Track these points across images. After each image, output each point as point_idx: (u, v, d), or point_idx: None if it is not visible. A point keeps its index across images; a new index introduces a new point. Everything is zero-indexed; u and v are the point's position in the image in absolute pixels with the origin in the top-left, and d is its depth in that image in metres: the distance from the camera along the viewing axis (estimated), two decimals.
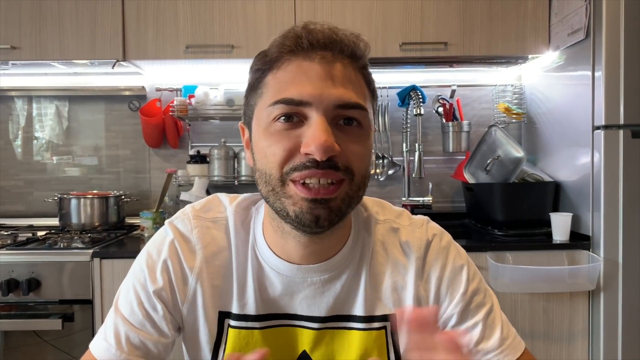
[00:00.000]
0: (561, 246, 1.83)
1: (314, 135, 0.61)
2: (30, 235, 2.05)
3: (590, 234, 1.81)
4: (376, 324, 0.74)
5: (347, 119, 0.64)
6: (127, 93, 2.42)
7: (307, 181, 0.62)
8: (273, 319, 0.74)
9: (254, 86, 0.68)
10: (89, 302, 1.79)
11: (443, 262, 0.76)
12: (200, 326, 0.74)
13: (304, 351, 0.74)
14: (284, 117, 0.63)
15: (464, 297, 0.74)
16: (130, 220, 2.32)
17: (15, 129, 2.45)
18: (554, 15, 2.04)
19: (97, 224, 2.15)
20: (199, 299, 0.73)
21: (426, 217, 0.81)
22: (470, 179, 2.15)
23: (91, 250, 1.79)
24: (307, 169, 0.61)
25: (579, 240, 1.84)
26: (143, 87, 2.39)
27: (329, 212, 0.63)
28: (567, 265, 1.80)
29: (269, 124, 0.64)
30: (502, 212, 1.99)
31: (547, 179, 2.05)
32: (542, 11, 2.05)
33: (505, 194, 2.00)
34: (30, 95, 2.44)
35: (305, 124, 0.63)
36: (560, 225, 1.84)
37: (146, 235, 2.09)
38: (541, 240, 1.90)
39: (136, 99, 2.41)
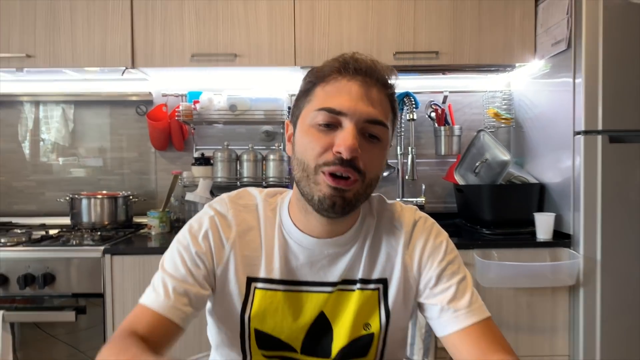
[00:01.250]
0: (544, 244, 1.95)
1: (345, 138, 0.79)
2: (44, 233, 2.17)
3: (572, 233, 1.93)
4: (372, 286, 0.91)
5: (371, 135, 0.82)
6: (134, 98, 2.54)
7: (334, 172, 0.79)
8: (294, 284, 0.89)
9: (305, 93, 0.86)
10: (101, 296, 1.90)
11: (426, 237, 0.94)
12: (231, 287, 0.89)
13: (322, 312, 0.89)
14: (325, 125, 0.81)
15: (440, 264, 0.91)
16: (137, 220, 2.43)
17: (24, 131, 2.57)
18: (539, 26, 2.16)
19: (106, 222, 2.27)
20: (231, 265, 0.89)
21: (415, 207, 0.99)
22: (460, 181, 2.27)
23: (102, 247, 1.91)
24: (335, 165, 0.79)
25: (561, 238, 1.95)
26: (150, 92, 2.52)
27: (343, 201, 0.81)
28: (549, 262, 1.91)
29: (312, 125, 0.82)
30: (489, 212, 2.11)
31: (532, 181, 2.17)
32: (529, 22, 2.17)
33: (493, 195, 2.12)
34: (38, 101, 2.56)
35: (339, 130, 0.81)
36: (543, 224, 1.96)
37: (153, 233, 2.21)
38: (526, 238, 2.01)
39: (143, 104, 2.54)
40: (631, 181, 1.84)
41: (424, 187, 2.47)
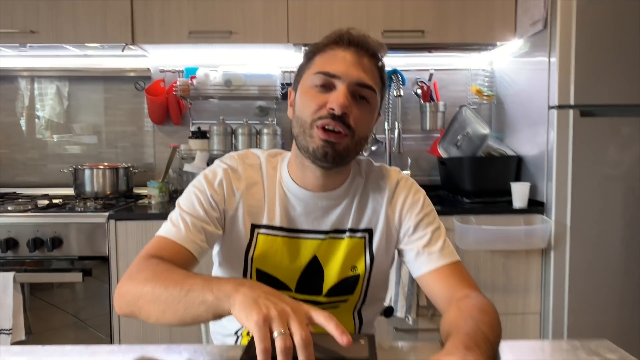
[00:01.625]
0: (519, 211, 2.10)
1: (337, 97, 0.91)
2: (49, 201, 2.28)
3: (545, 201, 2.08)
4: (359, 234, 1.05)
5: (361, 96, 0.94)
6: (132, 74, 2.64)
7: (326, 127, 0.92)
8: (292, 232, 1.03)
9: (305, 62, 0.99)
10: (106, 259, 2.04)
11: (406, 194, 1.07)
12: (238, 231, 1.02)
13: (315, 256, 1.03)
14: (320, 85, 0.93)
15: (418, 215, 1.05)
16: (137, 191, 2.55)
17: (21, 107, 2.67)
18: (519, 7, 2.28)
19: (108, 192, 2.38)
20: (240, 212, 1.02)
21: (398, 168, 1.12)
22: (444, 154, 2.40)
23: (107, 213, 2.03)
24: (327, 119, 0.92)
25: (535, 206, 2.11)
26: (148, 68, 2.62)
27: (334, 152, 0.93)
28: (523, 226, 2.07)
29: (310, 86, 0.95)
30: (470, 183, 2.26)
31: (510, 153, 2.31)
32: (510, 3, 2.29)
33: (473, 167, 2.26)
34: (35, 76, 2.65)
35: (333, 91, 0.93)
36: (519, 193, 2.11)
37: (153, 202, 2.33)
38: (503, 206, 2.16)
39: (141, 80, 2.63)
40: (599, 152, 1.99)
41: (410, 160, 2.60)
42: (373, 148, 2.62)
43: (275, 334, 0.62)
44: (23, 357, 0.80)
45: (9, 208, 2.09)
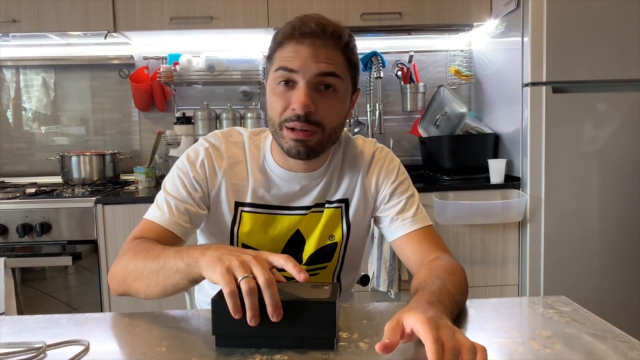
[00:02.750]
0: (495, 186, 2.17)
1: (298, 97, 0.92)
2: (37, 188, 2.32)
3: (520, 176, 2.15)
4: (335, 205, 1.09)
5: (326, 85, 0.94)
6: (116, 62, 2.66)
7: (293, 127, 0.94)
8: (275, 209, 1.07)
9: (269, 59, 0.99)
10: (94, 242, 2.08)
11: (382, 164, 1.12)
12: (222, 209, 1.06)
13: (298, 230, 1.08)
14: (283, 82, 0.94)
15: (393, 184, 1.10)
16: (124, 177, 2.59)
17: (7, 99, 2.69)
18: None
19: (96, 178, 2.42)
20: (223, 190, 1.06)
21: (374, 139, 1.17)
22: (424, 134, 2.46)
23: (94, 198, 2.08)
24: (293, 121, 0.94)
25: (512, 181, 2.17)
26: (131, 56, 2.64)
27: (306, 149, 0.96)
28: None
29: (274, 85, 0.96)
30: (449, 161, 2.32)
31: (488, 131, 2.37)
32: None
33: (452, 145, 2.32)
34: (20, 66, 2.67)
35: (295, 87, 0.93)
36: (495, 169, 2.17)
37: (140, 187, 2.37)
38: (480, 182, 2.23)
39: (125, 67, 2.66)
40: (571, 127, 2.06)
41: (392, 141, 2.66)
42: (356, 130, 2.67)
43: (240, 278, 0.68)
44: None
45: None
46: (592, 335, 0.75)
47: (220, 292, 0.68)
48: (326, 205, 1.09)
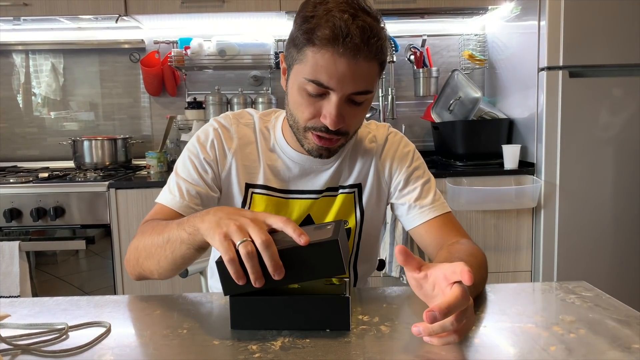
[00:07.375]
0: (509, 172, 2.15)
1: (330, 113, 0.88)
2: (50, 173, 2.33)
3: (535, 162, 2.12)
4: (348, 190, 1.07)
5: (358, 101, 0.91)
6: (126, 46, 2.65)
7: (320, 136, 0.92)
8: (286, 192, 1.06)
9: (296, 43, 0.88)
10: (107, 227, 2.09)
11: (396, 148, 1.10)
12: (233, 190, 1.05)
13: (309, 214, 1.06)
14: (315, 94, 0.89)
15: (408, 169, 1.08)
16: (135, 162, 2.60)
17: (17, 84, 2.69)
18: None
19: (108, 162, 2.43)
20: (233, 171, 1.05)
21: (388, 124, 1.15)
22: (437, 119, 2.44)
23: (107, 182, 2.08)
24: (321, 131, 0.92)
25: (526, 167, 2.15)
26: (142, 40, 2.63)
27: (329, 153, 0.97)
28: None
29: (303, 89, 0.89)
30: (462, 146, 2.30)
31: (502, 116, 2.34)
32: None
33: (465, 130, 2.30)
34: (30, 50, 2.67)
35: (326, 99, 0.89)
36: (510, 154, 2.15)
37: (152, 172, 2.38)
38: (494, 168, 2.21)
39: (136, 52, 2.65)
40: (587, 112, 2.03)
41: (404, 127, 2.64)
42: (368, 115, 2.65)
43: (237, 243, 0.67)
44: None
45: (11, 180, 2.14)
46: (616, 321, 0.74)
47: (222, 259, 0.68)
48: (340, 191, 1.07)
